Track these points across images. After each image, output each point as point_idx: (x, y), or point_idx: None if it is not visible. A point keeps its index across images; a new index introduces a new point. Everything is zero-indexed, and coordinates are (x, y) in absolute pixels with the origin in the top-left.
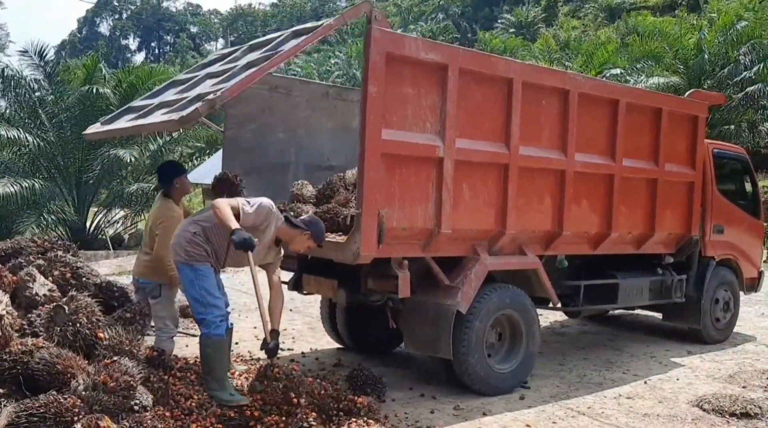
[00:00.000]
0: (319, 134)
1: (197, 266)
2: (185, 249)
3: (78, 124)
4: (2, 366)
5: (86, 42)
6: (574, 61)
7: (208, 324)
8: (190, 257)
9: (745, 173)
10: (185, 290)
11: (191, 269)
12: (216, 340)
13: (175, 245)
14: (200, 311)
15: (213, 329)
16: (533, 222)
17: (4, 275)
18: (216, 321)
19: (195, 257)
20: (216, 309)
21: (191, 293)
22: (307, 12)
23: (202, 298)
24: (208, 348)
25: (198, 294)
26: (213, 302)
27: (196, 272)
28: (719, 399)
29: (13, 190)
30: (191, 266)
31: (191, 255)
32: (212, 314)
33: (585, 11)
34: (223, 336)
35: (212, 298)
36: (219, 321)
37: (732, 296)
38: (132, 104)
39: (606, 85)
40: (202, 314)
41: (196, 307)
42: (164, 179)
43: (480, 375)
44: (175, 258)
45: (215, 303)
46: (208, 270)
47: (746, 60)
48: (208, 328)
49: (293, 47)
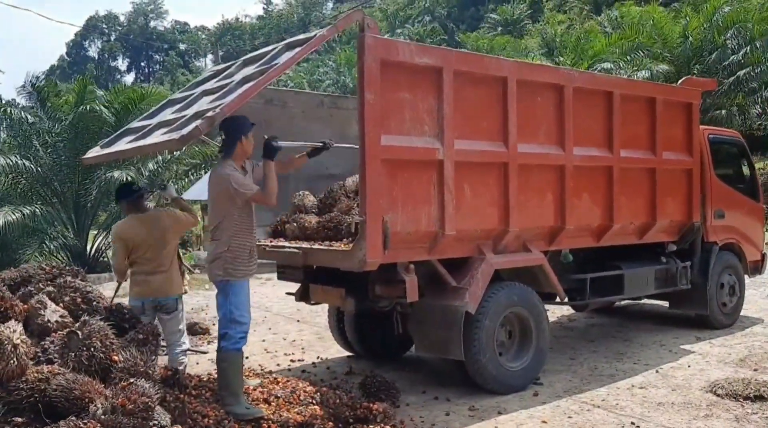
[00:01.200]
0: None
1: (233, 282)
2: (223, 267)
3: (73, 147)
4: (20, 395)
5: (75, 66)
6: (565, 56)
7: (229, 338)
8: (228, 274)
9: (741, 157)
10: (218, 305)
11: (229, 285)
12: (234, 355)
13: (214, 267)
14: (224, 326)
15: (232, 344)
16: (536, 218)
17: (15, 304)
18: (236, 337)
19: (232, 274)
20: (239, 326)
21: (222, 309)
22: (295, 23)
23: (229, 314)
24: (224, 363)
25: (227, 310)
26: (239, 318)
27: (233, 287)
28: (732, 383)
29: (14, 218)
30: (229, 282)
31: (228, 272)
32: (235, 329)
33: (570, 5)
34: (241, 351)
35: (239, 315)
36: (239, 336)
37: (737, 280)
38: (130, 126)
39: (599, 78)
40: (226, 328)
41: (222, 322)
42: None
43: (492, 374)
44: (213, 278)
45: (240, 320)
46: (242, 286)
47: (733, 44)
48: (228, 342)
49: (288, 60)
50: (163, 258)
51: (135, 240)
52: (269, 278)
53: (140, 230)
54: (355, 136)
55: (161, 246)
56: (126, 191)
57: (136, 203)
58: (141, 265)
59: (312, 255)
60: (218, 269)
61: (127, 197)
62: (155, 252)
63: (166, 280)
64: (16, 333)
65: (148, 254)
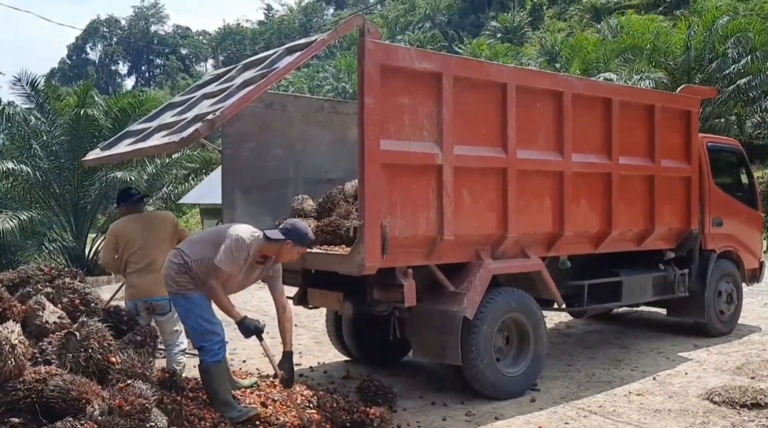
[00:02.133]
0: (316, 148)
1: (190, 294)
2: (175, 280)
3: (71, 150)
4: (17, 395)
5: (76, 69)
6: (561, 62)
7: (207, 351)
8: (181, 287)
9: (740, 165)
10: (183, 321)
11: (185, 298)
12: (215, 366)
13: (166, 277)
14: (199, 339)
15: (211, 357)
16: (534, 224)
17: (13, 305)
18: (214, 349)
19: (186, 287)
20: (215, 336)
21: (189, 324)
22: (296, 28)
23: (200, 327)
24: (207, 375)
25: (195, 323)
26: (211, 328)
27: (190, 301)
28: (729, 390)
29: (12, 225)
30: (184, 296)
31: (182, 285)
32: (211, 341)
33: (570, 13)
34: (221, 361)
35: (210, 325)
36: (217, 348)
37: (735, 288)
38: (130, 128)
39: (599, 85)
40: (201, 341)
41: (195, 336)
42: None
43: (490, 380)
44: (168, 290)
45: (213, 330)
46: (201, 297)
47: (734, 53)
48: (207, 356)
49: (288, 64)
50: (155, 258)
51: (126, 236)
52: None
53: (133, 226)
54: (354, 140)
55: (153, 244)
56: (126, 196)
57: (135, 207)
58: (134, 264)
59: (310, 259)
60: (171, 282)
61: (127, 200)
62: (147, 250)
63: (157, 280)
64: (14, 333)
65: (139, 253)
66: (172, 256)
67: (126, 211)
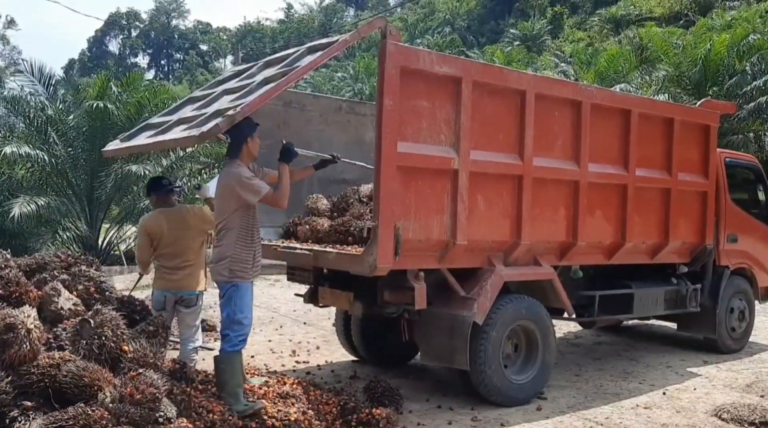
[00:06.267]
0: (332, 148)
1: (240, 283)
2: (230, 269)
3: (88, 140)
4: (30, 379)
5: (95, 60)
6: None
7: (229, 339)
8: (234, 276)
9: (757, 182)
10: (221, 307)
11: (234, 287)
12: (232, 357)
13: (218, 267)
14: (227, 326)
15: (231, 346)
16: (548, 233)
17: (30, 290)
18: (236, 340)
19: (237, 274)
20: (240, 328)
21: (225, 309)
22: (315, 28)
23: (233, 315)
24: (222, 364)
25: (230, 310)
26: (242, 320)
27: (239, 289)
28: (738, 408)
29: (29, 209)
30: (234, 284)
31: (236, 274)
32: (236, 331)
33: (590, 23)
34: (239, 353)
35: (242, 316)
36: (239, 339)
37: (747, 306)
38: (150, 121)
39: (618, 96)
40: (227, 329)
41: (225, 322)
42: (165, 190)
43: (497, 386)
44: (218, 279)
45: (242, 321)
46: (247, 288)
47: (754, 70)
48: (227, 344)
49: (310, 63)
50: (187, 254)
51: (159, 234)
52: (278, 279)
53: (165, 224)
54: (371, 141)
55: (185, 241)
56: (157, 185)
57: (166, 197)
58: (165, 259)
59: (322, 258)
60: (224, 270)
61: (158, 190)
62: (179, 247)
63: (189, 275)
64: (30, 318)
65: (171, 249)
66: (217, 248)
67: (157, 200)
